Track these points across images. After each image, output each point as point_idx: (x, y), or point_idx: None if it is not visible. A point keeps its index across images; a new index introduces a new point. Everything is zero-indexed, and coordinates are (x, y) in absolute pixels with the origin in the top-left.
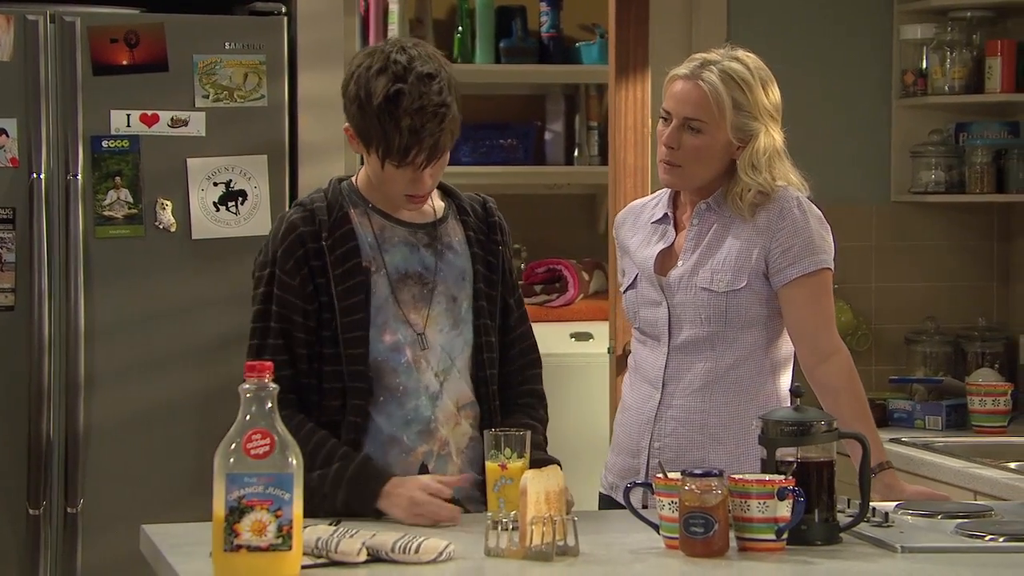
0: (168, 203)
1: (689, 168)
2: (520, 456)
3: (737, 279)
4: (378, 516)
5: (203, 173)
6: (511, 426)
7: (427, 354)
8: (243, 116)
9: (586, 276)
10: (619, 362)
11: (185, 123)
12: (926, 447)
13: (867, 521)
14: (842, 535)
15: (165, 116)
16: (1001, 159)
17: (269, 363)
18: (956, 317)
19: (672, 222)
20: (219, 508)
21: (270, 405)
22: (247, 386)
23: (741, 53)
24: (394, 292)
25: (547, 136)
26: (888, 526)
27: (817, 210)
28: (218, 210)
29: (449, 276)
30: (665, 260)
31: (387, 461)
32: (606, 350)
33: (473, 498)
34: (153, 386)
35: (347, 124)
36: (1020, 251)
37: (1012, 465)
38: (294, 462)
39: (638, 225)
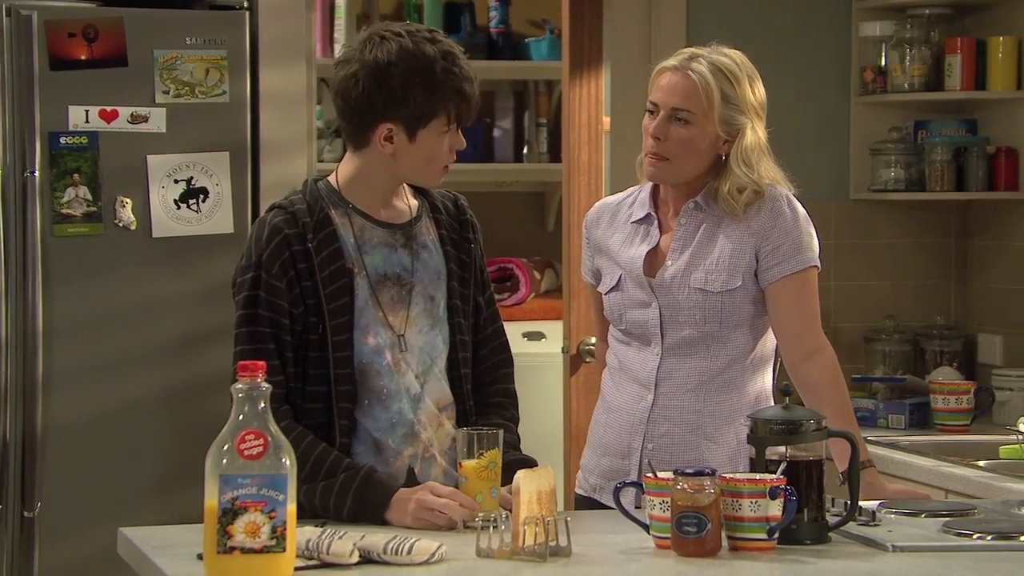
0: (128, 201)
1: (677, 161)
2: (478, 455)
3: (732, 279)
4: (384, 525)
5: (164, 170)
6: (483, 426)
7: (407, 356)
8: (204, 112)
9: (537, 275)
10: (573, 362)
11: (145, 119)
12: (892, 446)
13: (854, 520)
14: (830, 534)
15: (125, 112)
16: (961, 157)
17: (262, 363)
18: (915, 315)
19: (656, 222)
20: (211, 509)
21: (263, 405)
22: (239, 386)
23: (728, 49)
24: (375, 294)
25: (496, 133)
26: (875, 525)
27: (802, 208)
28: (179, 208)
29: (425, 276)
30: (652, 261)
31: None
32: (560, 350)
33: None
34: (113, 387)
35: (386, 124)
36: (978, 249)
37: (981, 463)
38: (287, 463)
39: (616, 224)
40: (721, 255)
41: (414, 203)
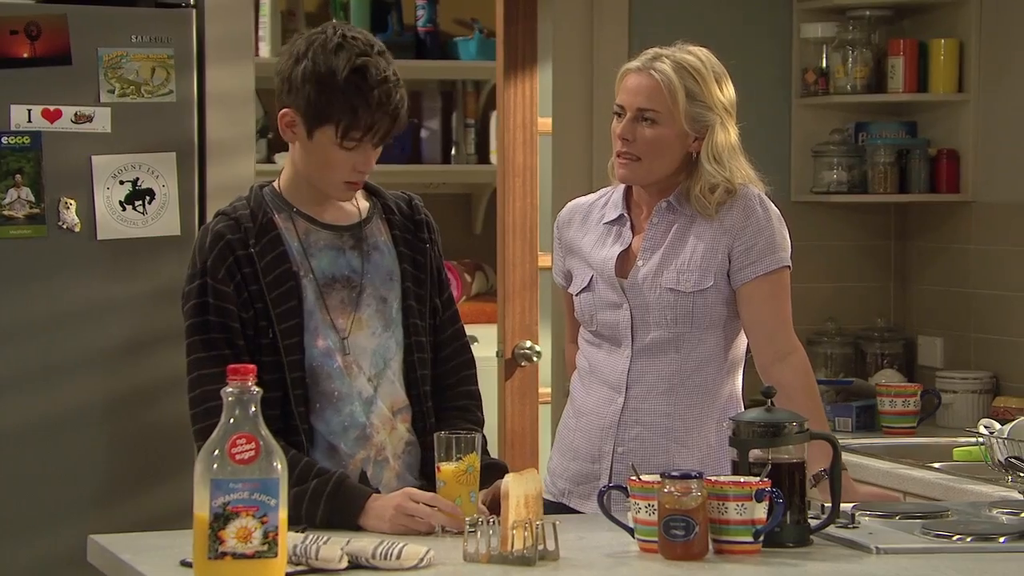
0: (72, 202)
1: (647, 161)
2: (456, 459)
3: (704, 279)
4: (357, 531)
5: (109, 171)
6: (449, 430)
7: (358, 359)
8: (150, 112)
9: (468, 278)
10: (508, 365)
11: (90, 119)
12: (844, 449)
13: (833, 523)
14: (811, 536)
15: (68, 111)
16: (903, 159)
17: (252, 366)
18: (856, 318)
19: (628, 223)
20: (202, 514)
21: (254, 409)
22: (230, 390)
23: (693, 48)
24: (322, 297)
25: (423, 134)
26: (854, 527)
27: (775, 208)
28: (124, 210)
29: (376, 277)
30: (624, 262)
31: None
32: (494, 354)
33: None
34: (56, 393)
35: (286, 109)
36: (917, 251)
37: (936, 465)
38: (279, 467)
39: (588, 225)
40: (693, 255)
41: (365, 204)
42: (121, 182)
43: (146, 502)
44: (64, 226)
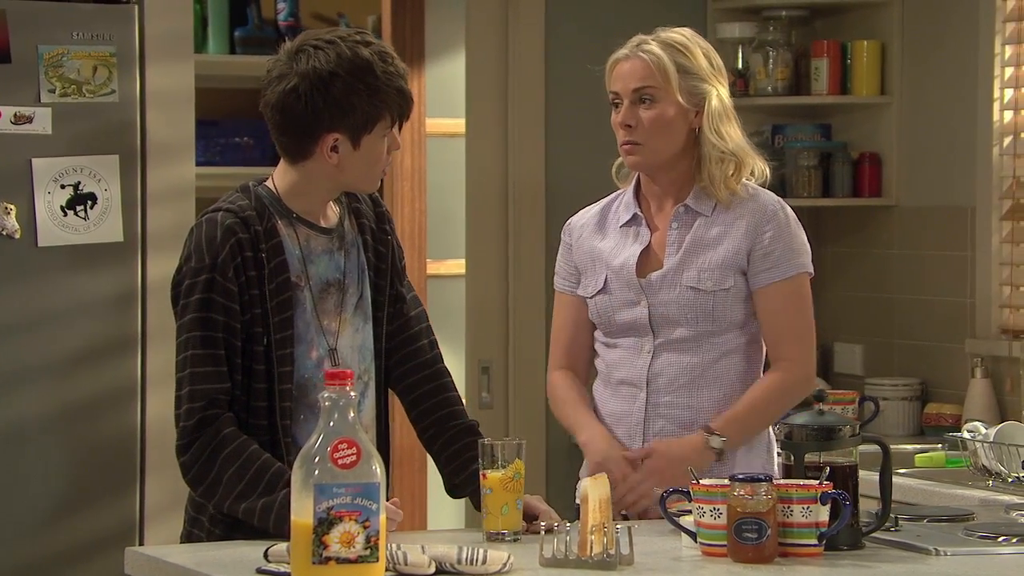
0: (11, 207)
1: (652, 143)
2: (502, 466)
3: (725, 279)
4: None
5: (49, 174)
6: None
7: (344, 364)
8: (93, 112)
9: None
10: None
11: (29, 120)
12: None
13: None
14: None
15: (7, 112)
16: (826, 163)
17: (350, 371)
18: None
19: (643, 221)
20: (304, 520)
21: (352, 415)
22: (328, 395)
23: (676, 28)
24: (316, 306)
25: None
26: (897, 530)
27: (793, 213)
28: (66, 215)
29: (354, 273)
30: (644, 260)
31: None
32: None
33: None
34: None
35: (335, 135)
36: (833, 256)
37: (901, 471)
38: (379, 471)
39: (606, 230)
40: (715, 255)
41: (336, 204)
42: (62, 186)
43: (91, 516)
44: (4, 232)
